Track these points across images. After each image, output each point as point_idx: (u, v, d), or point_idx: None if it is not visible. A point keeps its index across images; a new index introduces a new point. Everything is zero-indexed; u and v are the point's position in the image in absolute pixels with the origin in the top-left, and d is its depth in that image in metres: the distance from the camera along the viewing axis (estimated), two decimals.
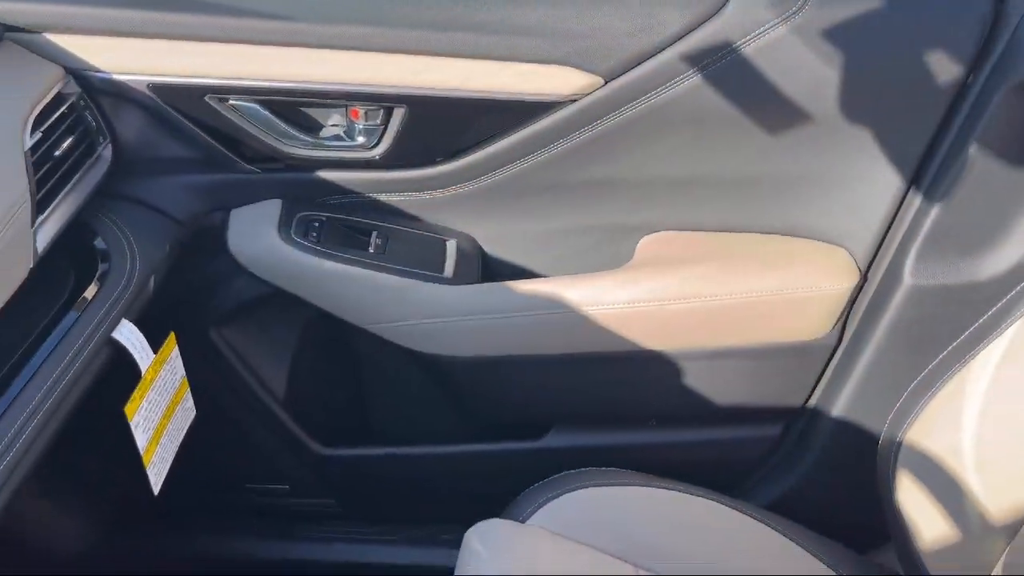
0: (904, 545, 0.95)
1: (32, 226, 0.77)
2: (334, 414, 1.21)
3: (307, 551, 1.24)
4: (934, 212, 0.96)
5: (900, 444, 0.93)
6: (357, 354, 1.15)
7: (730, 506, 1.02)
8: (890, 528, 0.96)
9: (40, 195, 0.79)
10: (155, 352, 0.87)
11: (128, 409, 0.81)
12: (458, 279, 1.04)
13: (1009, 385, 0.85)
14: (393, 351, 1.09)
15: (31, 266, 0.77)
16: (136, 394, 0.82)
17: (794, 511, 1.06)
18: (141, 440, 0.83)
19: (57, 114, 0.85)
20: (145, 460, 0.84)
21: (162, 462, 0.89)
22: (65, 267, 0.86)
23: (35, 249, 0.77)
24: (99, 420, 0.96)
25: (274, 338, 1.13)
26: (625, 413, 1.15)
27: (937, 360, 0.91)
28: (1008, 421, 0.85)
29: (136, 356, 0.82)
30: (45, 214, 0.80)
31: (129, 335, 0.82)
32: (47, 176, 0.81)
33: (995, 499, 0.87)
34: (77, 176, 0.87)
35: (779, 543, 1.01)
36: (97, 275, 0.86)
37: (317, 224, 1.02)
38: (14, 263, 0.74)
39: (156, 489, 0.88)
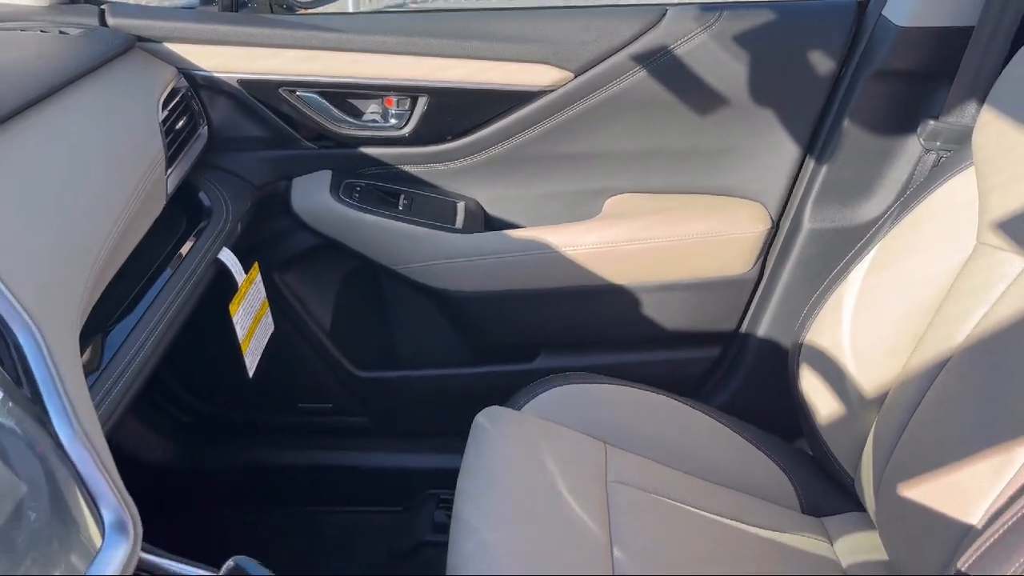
0: (808, 425, 1.21)
1: (165, 174, 1.04)
2: (368, 343, 1.47)
3: (348, 459, 1.49)
4: (823, 173, 1.25)
5: (801, 346, 1.19)
6: (386, 295, 1.42)
7: (684, 402, 1.27)
8: (798, 413, 1.22)
9: (168, 154, 1.07)
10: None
11: (231, 308, 1.08)
12: (466, 230, 1.31)
13: (870, 291, 1.12)
14: (414, 291, 1.36)
15: (164, 203, 1.04)
16: (235, 299, 1.10)
17: (735, 412, 1.32)
18: (240, 333, 1.10)
19: (173, 101, 1.13)
20: (243, 349, 1.11)
21: (253, 355, 1.15)
22: (181, 213, 1.13)
23: (167, 191, 1.05)
24: (190, 349, 1.21)
25: (323, 282, 1.40)
26: (597, 339, 1.42)
27: (827, 280, 1.18)
28: (871, 316, 1.12)
29: (234, 272, 1.10)
30: (171, 168, 1.07)
31: (229, 257, 1.09)
32: (170, 143, 1.09)
33: (866, 378, 1.13)
34: (187, 147, 1.15)
35: (722, 430, 1.25)
36: (203, 218, 1.13)
37: (359, 188, 1.30)
38: (155, 198, 1.02)
39: (251, 373, 1.14)
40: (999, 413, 0.90)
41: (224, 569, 0.57)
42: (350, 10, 3.10)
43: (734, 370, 1.42)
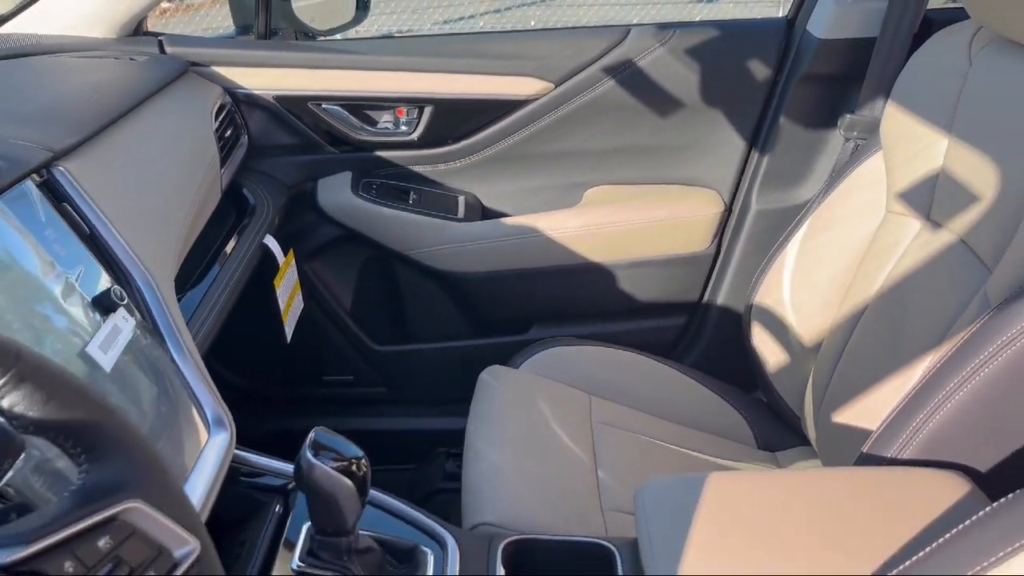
0: (760, 374, 1.40)
1: (220, 172, 1.25)
2: (384, 321, 1.66)
3: (368, 424, 1.68)
4: (766, 162, 1.47)
5: (752, 307, 1.39)
6: (398, 278, 1.61)
7: (657, 360, 1.45)
8: (752, 366, 1.42)
9: (220, 157, 1.27)
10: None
11: (275, 283, 1.28)
12: (466, 219, 1.52)
13: (805, 256, 1.32)
14: (423, 274, 1.57)
15: (219, 197, 1.24)
16: (278, 275, 1.30)
17: (702, 370, 1.50)
18: (281, 304, 1.30)
19: (221, 115, 1.34)
20: (283, 317, 1.31)
21: (290, 323, 1.35)
22: (230, 207, 1.33)
23: (221, 187, 1.25)
24: (230, 331, 1.39)
25: (344, 269, 1.60)
26: (582, 311, 1.62)
27: (771, 251, 1.39)
28: (806, 278, 1.32)
29: (276, 253, 1.29)
30: (223, 169, 1.27)
31: (271, 242, 1.29)
32: (220, 149, 1.29)
33: (804, 329, 1.32)
34: (233, 153, 1.35)
35: (689, 383, 1.42)
36: (248, 211, 1.33)
37: (375, 185, 1.50)
38: (214, 192, 1.22)
39: (289, 337, 1.34)
40: (902, 344, 1.11)
41: (307, 441, 0.77)
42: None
43: (699, 334, 1.63)
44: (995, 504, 0.57)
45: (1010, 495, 0.57)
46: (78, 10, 1.31)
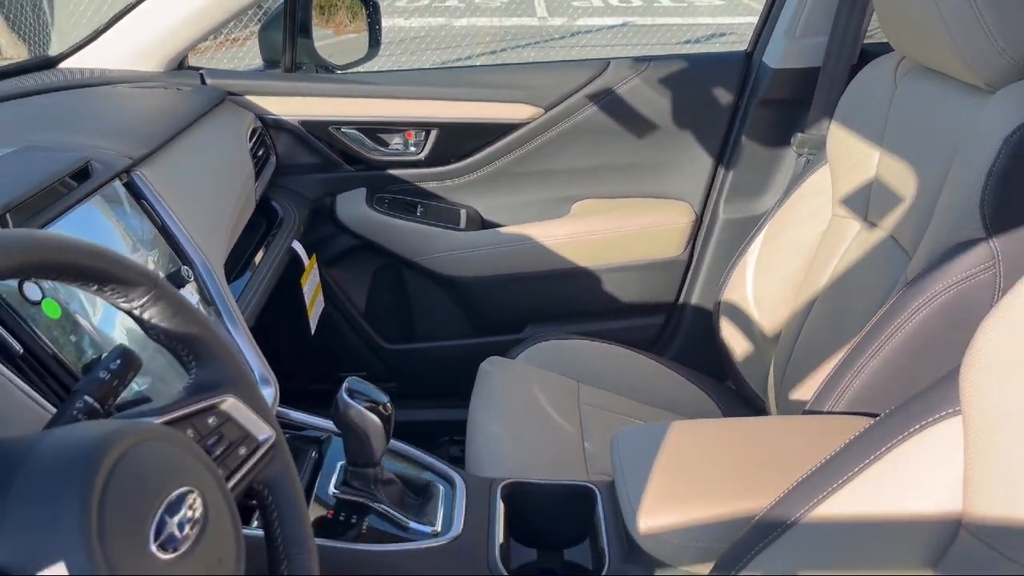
0: (729, 363, 1.56)
1: (254, 186, 1.42)
2: (394, 322, 1.83)
3: None
4: (731, 177, 1.65)
5: (720, 304, 1.56)
6: (407, 283, 1.78)
7: (638, 352, 1.62)
8: (720, 357, 1.58)
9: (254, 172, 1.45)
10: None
11: (301, 281, 1.45)
12: (468, 229, 1.69)
13: (764, 258, 1.49)
14: (429, 280, 1.73)
15: (254, 206, 1.42)
16: (304, 275, 1.46)
17: (680, 363, 1.67)
18: (307, 299, 1.47)
19: (254, 138, 1.52)
20: (309, 311, 1.48)
21: (314, 318, 1.52)
22: (262, 219, 1.50)
23: (256, 198, 1.43)
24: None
25: (359, 275, 1.77)
26: (571, 312, 1.79)
27: (736, 254, 1.56)
28: (766, 276, 1.49)
29: (302, 256, 1.47)
30: (256, 183, 1.45)
31: (298, 246, 1.47)
32: (254, 166, 1.47)
33: (765, 322, 1.49)
34: (264, 170, 1.53)
35: (667, 372, 1.57)
36: (277, 222, 1.50)
37: (387, 200, 1.68)
38: (249, 203, 1.39)
39: (312, 330, 1.50)
40: (844, 328, 1.28)
41: (343, 387, 0.93)
42: None
43: (676, 330, 1.79)
44: (865, 427, 0.74)
45: (878, 417, 0.74)
46: (130, 48, 1.49)
